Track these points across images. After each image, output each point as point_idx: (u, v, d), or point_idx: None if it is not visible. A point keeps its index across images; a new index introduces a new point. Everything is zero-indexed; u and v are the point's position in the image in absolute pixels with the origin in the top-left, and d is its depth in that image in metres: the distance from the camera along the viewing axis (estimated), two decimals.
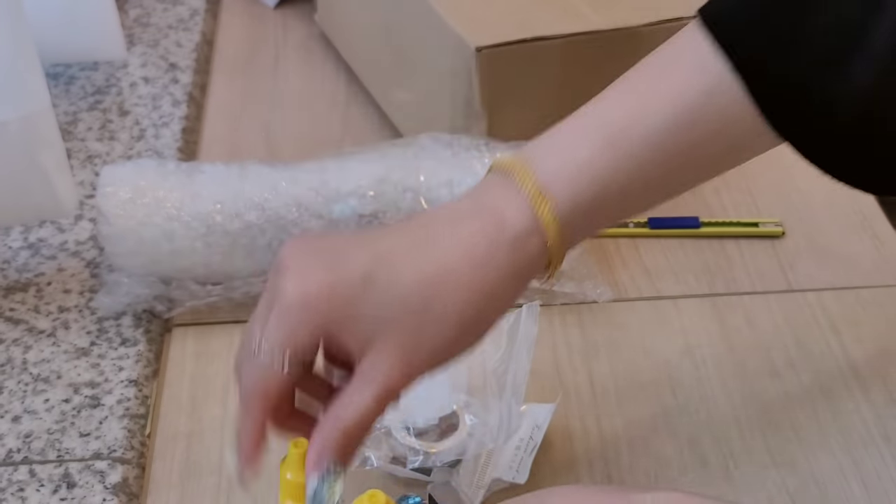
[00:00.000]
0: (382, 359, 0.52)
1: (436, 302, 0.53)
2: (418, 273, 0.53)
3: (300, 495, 0.54)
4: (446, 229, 0.55)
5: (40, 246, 0.81)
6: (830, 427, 0.71)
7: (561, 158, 0.56)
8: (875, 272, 0.82)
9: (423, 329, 0.53)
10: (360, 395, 0.52)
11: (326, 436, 0.53)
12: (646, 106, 0.57)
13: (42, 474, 0.66)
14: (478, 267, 0.54)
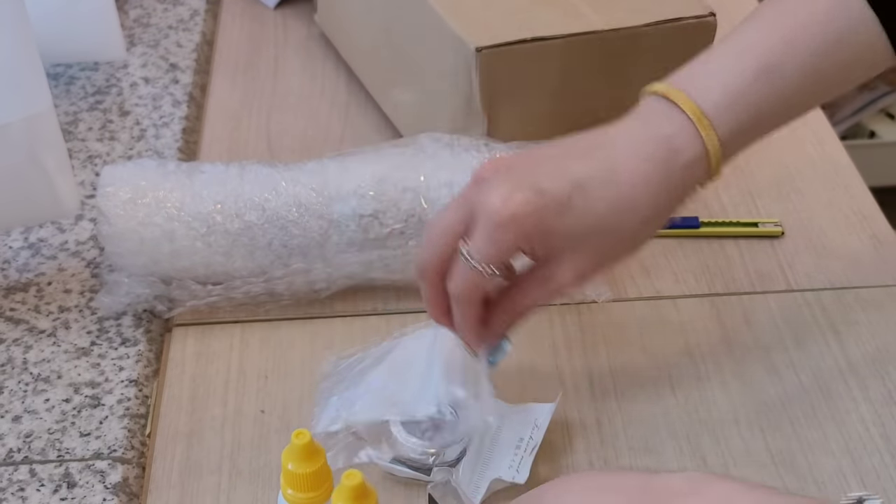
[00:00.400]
0: (565, 268, 0.63)
1: (620, 228, 0.63)
2: (609, 203, 0.62)
3: (301, 484, 0.55)
4: (629, 162, 0.63)
5: (41, 246, 0.81)
6: (829, 426, 0.71)
7: (721, 87, 0.64)
8: (874, 272, 0.82)
9: (604, 248, 0.64)
10: (538, 292, 0.64)
11: (505, 317, 0.65)
12: (794, 38, 0.64)
13: (42, 474, 0.66)
14: (655, 195, 0.63)
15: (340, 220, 0.75)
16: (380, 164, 0.76)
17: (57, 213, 0.76)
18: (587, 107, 0.83)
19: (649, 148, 0.63)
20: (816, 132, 0.96)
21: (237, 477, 0.67)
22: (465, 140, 0.78)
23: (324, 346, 0.76)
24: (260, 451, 0.69)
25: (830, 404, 0.72)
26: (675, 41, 0.82)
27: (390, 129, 0.94)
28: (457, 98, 0.81)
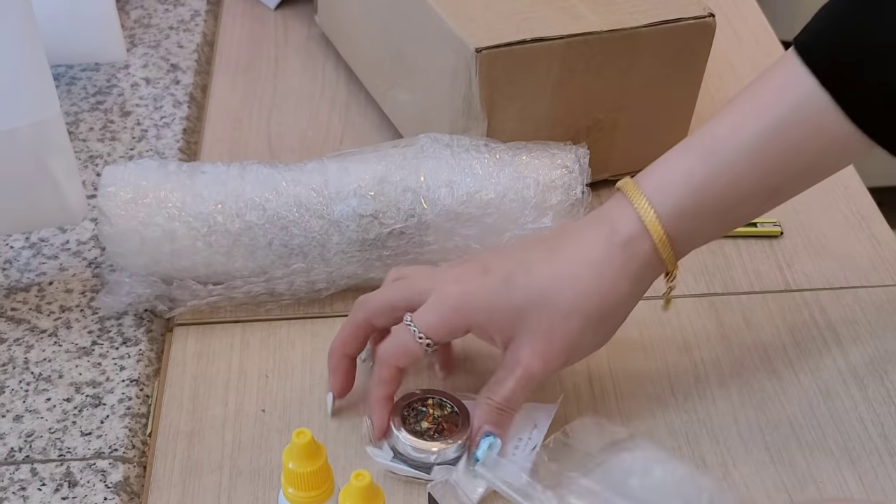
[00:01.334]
0: (522, 349, 0.64)
1: (562, 297, 0.64)
2: (548, 274, 0.64)
3: (302, 483, 0.55)
4: (571, 238, 0.66)
5: (42, 246, 0.81)
6: (828, 426, 0.71)
7: (663, 173, 0.65)
8: (872, 272, 0.82)
9: (553, 322, 0.64)
10: (506, 381, 0.65)
11: (482, 414, 0.66)
12: (741, 120, 0.64)
13: (44, 473, 0.66)
14: (595, 267, 0.64)
15: (341, 221, 0.75)
16: (380, 165, 0.76)
17: (64, 218, 0.76)
18: (587, 107, 0.84)
19: (592, 228, 0.66)
20: None
21: (238, 476, 0.68)
22: (465, 140, 0.78)
23: (324, 345, 0.76)
24: (261, 451, 0.69)
25: (829, 404, 0.72)
26: (675, 42, 0.82)
27: (390, 129, 0.94)
28: (457, 98, 0.81)
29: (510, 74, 0.80)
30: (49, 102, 0.70)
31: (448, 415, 0.67)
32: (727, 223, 0.68)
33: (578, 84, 0.82)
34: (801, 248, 0.84)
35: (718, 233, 0.69)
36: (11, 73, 0.68)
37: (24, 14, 0.67)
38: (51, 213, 0.75)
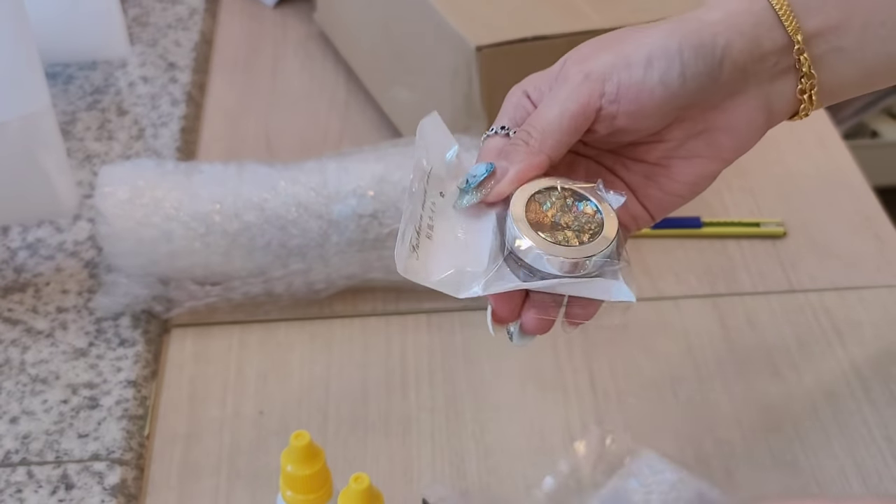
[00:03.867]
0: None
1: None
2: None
3: (301, 486, 0.55)
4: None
5: (38, 246, 0.81)
6: (832, 428, 0.70)
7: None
8: (877, 272, 0.82)
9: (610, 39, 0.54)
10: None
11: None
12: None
13: (40, 476, 0.65)
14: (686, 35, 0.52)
15: (340, 220, 0.74)
16: (379, 164, 0.76)
17: (55, 211, 0.76)
18: None
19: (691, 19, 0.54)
20: (819, 132, 0.95)
21: (236, 479, 0.67)
22: (466, 139, 0.77)
23: (323, 347, 0.75)
24: (259, 453, 0.69)
25: (833, 406, 0.72)
26: None
27: (390, 128, 0.94)
28: (457, 96, 0.81)
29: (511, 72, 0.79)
30: (39, 95, 0.70)
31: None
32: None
33: None
34: (804, 249, 0.84)
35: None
36: (1, 66, 0.68)
37: (15, 7, 0.66)
38: (41, 206, 0.75)
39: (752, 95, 0.53)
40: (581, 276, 0.49)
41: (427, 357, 0.75)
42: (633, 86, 0.51)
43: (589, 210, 0.51)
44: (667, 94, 0.51)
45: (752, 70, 0.52)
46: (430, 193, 0.52)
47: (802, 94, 0.54)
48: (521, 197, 0.50)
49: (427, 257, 0.50)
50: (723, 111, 0.53)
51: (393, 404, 0.72)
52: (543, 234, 0.49)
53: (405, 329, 0.77)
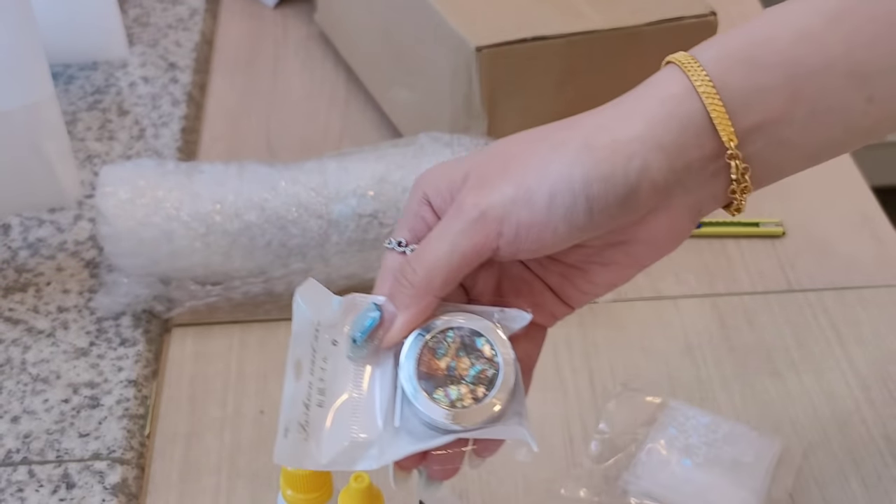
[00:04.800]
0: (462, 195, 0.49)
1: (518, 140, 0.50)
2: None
3: (300, 485, 0.55)
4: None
5: (39, 246, 0.81)
6: (831, 428, 0.70)
7: (710, 43, 0.50)
8: (876, 272, 0.82)
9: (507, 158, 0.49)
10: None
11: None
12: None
13: (41, 475, 0.66)
14: (622, 119, 0.48)
15: (340, 220, 0.74)
16: (379, 164, 0.76)
17: (58, 200, 0.76)
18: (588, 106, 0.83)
19: (627, 101, 0.50)
20: None
21: (236, 478, 0.67)
22: (465, 140, 0.77)
23: None
24: (259, 452, 0.69)
25: (832, 405, 0.72)
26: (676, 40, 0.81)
27: (390, 128, 0.94)
28: (457, 98, 0.81)
29: (511, 73, 0.79)
30: (43, 84, 0.71)
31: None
32: (805, 113, 0.47)
33: (580, 82, 0.82)
34: (803, 248, 0.84)
35: (799, 126, 0.48)
36: (5, 55, 0.68)
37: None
38: (44, 195, 0.75)
39: (676, 205, 0.48)
40: (481, 428, 0.48)
41: None
42: (534, 226, 0.47)
43: (486, 351, 0.49)
44: (572, 231, 0.47)
45: (675, 185, 0.47)
46: (319, 351, 0.50)
47: (733, 194, 0.48)
48: (414, 347, 0.49)
49: (318, 431, 0.48)
50: (643, 225, 0.48)
51: None
52: (438, 395, 0.48)
53: None
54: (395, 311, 0.49)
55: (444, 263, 0.48)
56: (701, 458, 0.66)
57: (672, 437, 0.67)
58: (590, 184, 0.46)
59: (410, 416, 0.48)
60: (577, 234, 0.47)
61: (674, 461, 0.66)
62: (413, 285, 0.48)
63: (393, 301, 0.49)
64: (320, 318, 0.50)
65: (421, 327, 0.49)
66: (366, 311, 0.49)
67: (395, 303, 0.49)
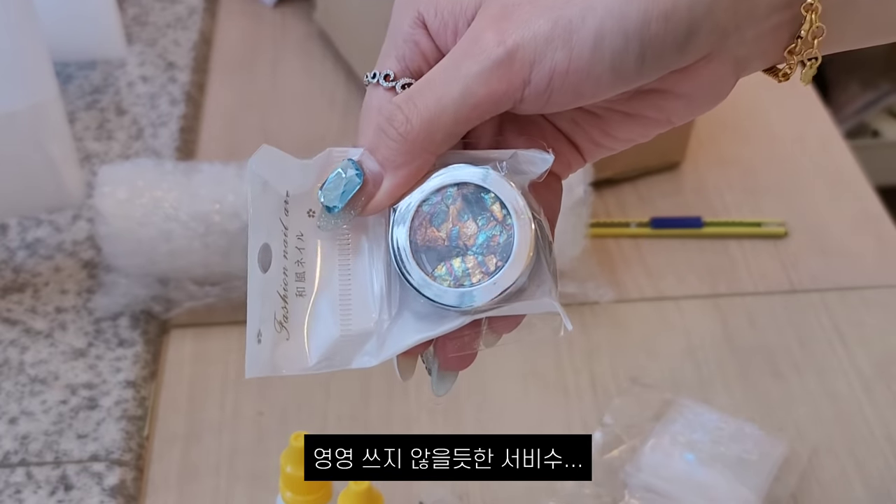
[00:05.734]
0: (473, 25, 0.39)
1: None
2: None
3: (299, 488, 0.55)
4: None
5: (37, 246, 0.80)
6: (834, 429, 0.70)
7: None
8: (879, 272, 0.82)
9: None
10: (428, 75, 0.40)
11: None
12: None
13: (39, 476, 0.65)
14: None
15: None
16: None
17: (62, 201, 0.76)
18: None
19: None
20: (820, 131, 0.95)
21: (235, 480, 0.67)
22: None
23: None
24: (258, 454, 0.68)
25: (835, 407, 0.72)
26: None
27: None
28: None
29: None
30: (47, 85, 0.70)
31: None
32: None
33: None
34: (806, 249, 0.83)
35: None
36: (9, 56, 0.68)
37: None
38: (48, 196, 0.75)
39: (725, 56, 0.39)
40: (499, 307, 0.39)
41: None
42: (571, 73, 0.37)
43: (496, 211, 0.39)
44: (616, 82, 0.38)
45: (733, 31, 0.38)
46: (291, 228, 0.41)
47: (791, 56, 0.39)
48: (405, 213, 0.40)
49: (300, 326, 0.40)
50: (685, 75, 0.38)
51: (393, 405, 0.72)
52: (440, 272, 0.39)
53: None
54: (380, 170, 0.40)
55: (450, 114, 0.38)
56: (705, 453, 0.66)
57: (677, 432, 0.67)
58: (648, 23, 0.36)
59: (410, 297, 0.39)
60: (620, 85, 0.38)
61: (677, 455, 0.66)
62: (406, 138, 0.39)
63: (377, 156, 0.40)
64: (288, 187, 0.41)
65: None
66: (342, 170, 0.41)
67: (380, 159, 0.40)
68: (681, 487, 0.64)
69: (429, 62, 0.40)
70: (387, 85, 0.41)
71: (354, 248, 0.41)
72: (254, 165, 0.41)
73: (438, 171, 0.39)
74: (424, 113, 0.38)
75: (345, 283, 0.40)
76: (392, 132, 0.39)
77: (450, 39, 0.39)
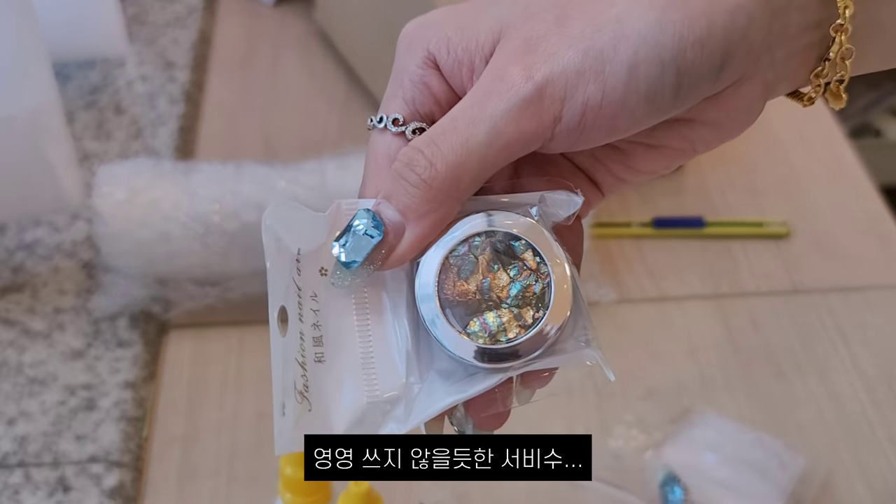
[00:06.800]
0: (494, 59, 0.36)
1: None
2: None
3: (299, 490, 0.54)
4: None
5: (36, 246, 0.80)
6: (836, 429, 0.70)
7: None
8: (881, 272, 0.81)
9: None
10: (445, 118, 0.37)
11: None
12: None
13: (38, 477, 0.65)
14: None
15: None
16: None
17: (61, 204, 0.76)
18: None
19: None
20: (823, 131, 0.95)
21: (235, 481, 0.67)
22: None
23: None
24: (258, 455, 0.68)
25: (837, 407, 0.71)
26: None
27: None
28: None
29: None
30: (47, 89, 0.70)
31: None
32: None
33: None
34: (809, 249, 0.83)
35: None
36: (9, 60, 0.68)
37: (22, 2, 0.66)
38: (48, 199, 0.75)
39: (757, 80, 0.37)
40: (537, 360, 0.37)
41: None
42: (606, 107, 0.35)
43: (529, 259, 0.37)
44: (651, 113, 0.36)
45: (765, 53, 0.36)
46: (305, 288, 0.38)
47: (818, 79, 0.38)
48: (430, 265, 0.37)
49: (323, 395, 0.37)
50: (715, 101, 0.37)
51: None
52: (473, 329, 0.36)
53: None
54: (401, 220, 0.36)
55: (477, 158, 0.35)
56: (726, 456, 0.66)
57: (699, 435, 0.67)
58: (683, 50, 0.34)
59: (439, 352, 0.37)
60: (655, 117, 0.36)
61: (699, 453, 0.66)
62: (430, 185, 0.35)
63: (397, 205, 0.36)
64: (300, 244, 0.38)
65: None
66: (358, 221, 0.37)
67: (401, 208, 0.36)
68: (703, 480, 0.65)
69: (441, 105, 0.38)
70: (395, 130, 0.38)
71: (374, 305, 0.38)
72: (268, 219, 0.37)
73: (462, 220, 0.37)
74: (450, 157, 0.35)
75: (366, 345, 0.38)
76: (414, 178, 0.36)
77: (465, 79, 0.37)
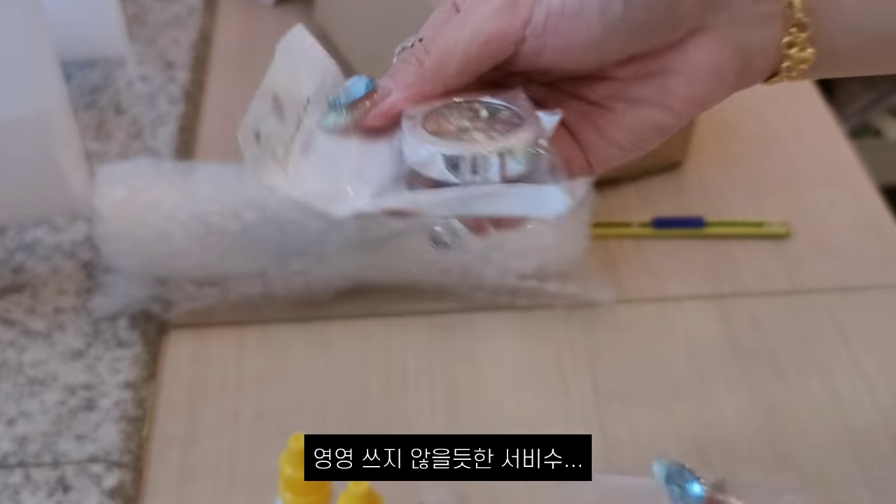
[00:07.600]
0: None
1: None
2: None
3: (299, 490, 0.54)
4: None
5: (36, 247, 0.80)
6: (836, 430, 0.70)
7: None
8: (882, 272, 0.81)
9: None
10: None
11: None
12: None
13: (38, 477, 0.65)
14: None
15: (339, 220, 0.74)
16: None
17: (70, 207, 0.76)
18: None
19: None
20: (822, 131, 0.95)
21: (234, 481, 0.67)
22: None
23: (322, 348, 0.75)
24: (258, 456, 0.68)
25: (838, 407, 0.71)
26: None
27: None
28: None
29: None
30: (55, 91, 0.70)
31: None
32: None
33: None
34: (809, 249, 0.83)
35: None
36: (18, 61, 0.68)
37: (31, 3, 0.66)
38: (57, 201, 0.75)
39: (720, 36, 0.43)
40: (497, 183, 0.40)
41: (427, 358, 0.74)
42: (564, 16, 0.42)
43: (505, 117, 0.42)
44: (605, 29, 0.42)
45: (724, 8, 0.42)
46: (306, 122, 0.45)
47: (789, 49, 0.43)
48: (418, 111, 0.42)
49: (298, 172, 0.43)
50: (679, 50, 0.43)
51: (393, 406, 0.71)
52: (448, 140, 0.41)
53: (405, 330, 0.76)
54: (391, 86, 0.43)
55: (462, 48, 0.43)
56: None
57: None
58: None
59: (417, 185, 0.41)
60: (609, 35, 0.42)
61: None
62: (422, 64, 0.43)
63: (393, 78, 0.44)
64: (311, 91, 0.44)
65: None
66: (357, 78, 0.43)
67: (394, 80, 0.43)
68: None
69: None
70: (415, 43, 0.45)
71: (368, 146, 0.43)
72: (286, 43, 0.44)
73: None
74: (441, 46, 0.43)
75: (351, 164, 0.43)
76: (411, 60, 0.43)
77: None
